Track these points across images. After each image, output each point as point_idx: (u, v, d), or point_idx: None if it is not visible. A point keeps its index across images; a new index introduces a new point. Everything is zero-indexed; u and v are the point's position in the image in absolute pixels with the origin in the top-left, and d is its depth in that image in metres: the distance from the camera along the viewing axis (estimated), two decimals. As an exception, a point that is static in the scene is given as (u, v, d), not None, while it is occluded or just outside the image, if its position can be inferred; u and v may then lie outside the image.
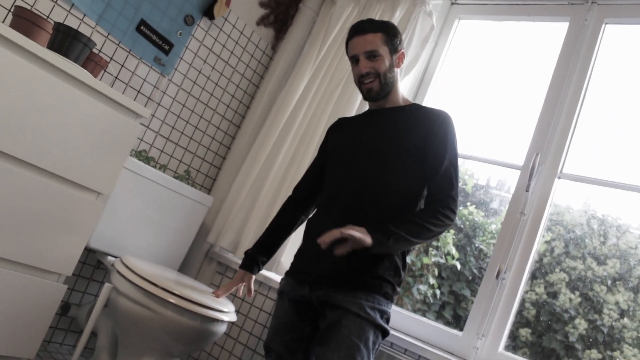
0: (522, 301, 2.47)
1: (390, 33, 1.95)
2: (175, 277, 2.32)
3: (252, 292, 2.12)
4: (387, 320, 1.80)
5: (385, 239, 1.68)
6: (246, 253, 2.14)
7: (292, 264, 1.98)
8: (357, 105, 2.77)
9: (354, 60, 1.96)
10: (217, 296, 2.18)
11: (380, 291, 1.77)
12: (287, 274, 1.97)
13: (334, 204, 1.91)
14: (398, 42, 1.97)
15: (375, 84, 1.93)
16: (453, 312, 3.13)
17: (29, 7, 2.26)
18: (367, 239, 1.65)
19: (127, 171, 2.45)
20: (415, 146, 1.86)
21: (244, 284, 2.14)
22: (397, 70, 1.99)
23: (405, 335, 2.32)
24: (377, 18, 2.87)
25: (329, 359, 1.68)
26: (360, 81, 1.95)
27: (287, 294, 1.93)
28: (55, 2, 2.36)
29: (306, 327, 1.88)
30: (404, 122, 1.92)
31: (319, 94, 2.95)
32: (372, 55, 1.92)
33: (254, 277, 2.13)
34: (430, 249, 3.29)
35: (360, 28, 1.95)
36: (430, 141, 1.85)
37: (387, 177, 1.86)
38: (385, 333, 1.79)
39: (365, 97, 1.99)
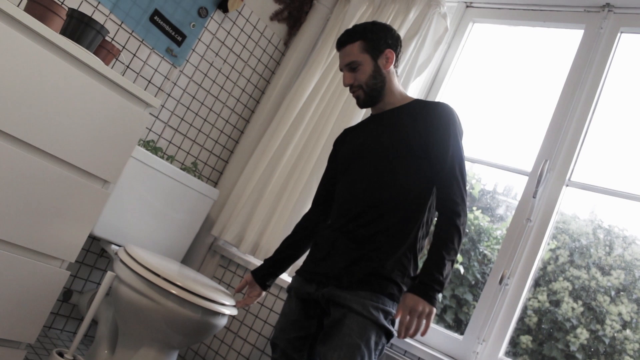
0: (524, 308, 2.46)
1: (370, 37, 1.93)
2: (177, 269, 2.33)
3: (250, 301, 2.15)
4: (393, 322, 1.79)
5: (435, 289, 1.68)
6: (260, 269, 2.15)
7: (303, 264, 1.99)
8: (367, 104, 2.77)
9: (342, 71, 2.00)
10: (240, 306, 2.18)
11: (385, 291, 1.76)
12: (297, 272, 1.98)
13: (346, 211, 1.90)
14: (382, 42, 1.94)
15: (360, 93, 1.95)
16: (454, 316, 3.11)
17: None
18: (427, 308, 1.66)
19: (135, 160, 2.46)
20: (417, 143, 1.84)
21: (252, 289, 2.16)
22: (389, 71, 1.96)
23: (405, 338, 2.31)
24: (390, 18, 2.88)
25: (329, 358, 1.67)
26: (350, 91, 1.99)
27: (294, 292, 1.94)
28: (70, -11, 2.37)
29: (312, 325, 1.88)
30: (403, 121, 1.90)
31: (329, 92, 2.94)
32: (352, 67, 1.93)
33: (263, 293, 2.16)
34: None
35: (339, 41, 1.98)
36: (432, 136, 1.83)
37: (393, 178, 1.85)
38: (389, 334, 1.77)
39: (358, 105, 2.02)
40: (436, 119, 1.85)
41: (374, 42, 1.93)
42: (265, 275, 2.11)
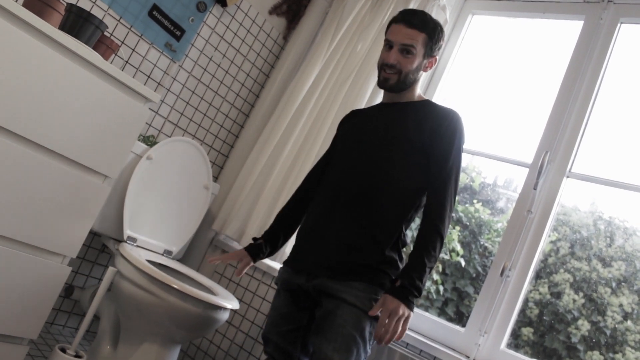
0: (526, 300, 2.46)
1: (434, 38, 1.91)
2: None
3: (241, 275, 2.07)
4: None
5: (414, 295, 1.68)
6: (255, 239, 2.12)
7: (290, 253, 1.97)
8: (366, 98, 2.76)
9: (388, 45, 1.92)
10: (210, 261, 2.08)
11: (377, 281, 1.76)
12: (285, 263, 1.97)
13: (336, 194, 1.89)
14: (436, 48, 1.93)
15: (394, 78, 1.90)
16: (456, 308, 3.12)
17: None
18: (406, 312, 1.67)
19: (134, 156, 2.46)
20: (420, 141, 1.84)
21: (240, 262, 2.08)
22: (423, 73, 1.96)
23: (408, 330, 2.31)
24: (389, 11, 2.88)
25: (324, 349, 1.67)
26: (382, 67, 1.92)
27: (282, 284, 1.93)
28: (68, -16, 2.36)
29: (304, 316, 1.88)
30: (412, 117, 1.90)
31: (329, 86, 2.94)
32: (406, 51, 1.87)
33: (252, 263, 2.08)
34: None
35: (409, 19, 1.89)
36: (437, 141, 1.83)
37: (389, 169, 1.84)
38: None
39: (379, 84, 1.96)
40: (444, 124, 1.85)
41: (433, 44, 1.92)
42: (260, 253, 2.07)
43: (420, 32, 1.88)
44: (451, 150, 1.83)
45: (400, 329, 1.66)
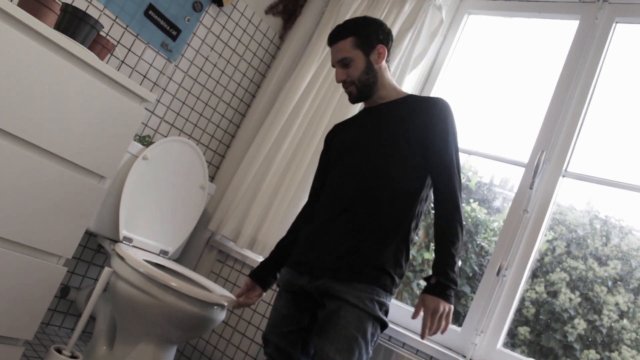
0: (522, 299, 2.46)
1: (361, 33, 1.92)
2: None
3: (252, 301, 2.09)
4: (386, 313, 1.80)
5: (452, 288, 1.71)
6: (261, 271, 2.09)
7: (293, 255, 1.97)
8: (363, 97, 2.76)
9: (333, 67, 1.99)
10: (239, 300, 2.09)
11: (379, 283, 1.76)
12: (288, 265, 1.97)
13: (338, 199, 1.89)
14: (374, 38, 1.93)
15: (353, 89, 1.95)
16: (452, 308, 3.12)
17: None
18: (447, 308, 1.69)
19: (130, 156, 2.45)
20: (414, 137, 1.84)
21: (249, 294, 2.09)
22: (380, 66, 1.95)
23: (404, 329, 2.32)
24: (385, 11, 2.88)
25: (326, 350, 1.67)
26: (343, 86, 1.99)
27: (284, 285, 1.93)
28: (64, -16, 2.35)
29: (305, 318, 1.87)
30: (399, 115, 1.90)
31: (325, 85, 2.93)
32: (344, 63, 1.92)
33: (264, 293, 2.10)
34: (432, 244, 3.27)
35: (330, 37, 1.96)
36: (431, 132, 1.84)
37: (388, 170, 1.85)
38: (384, 325, 1.78)
39: (350, 101, 2.01)
40: (435, 114, 1.86)
41: (366, 37, 1.92)
42: (266, 276, 2.07)
43: (344, 39, 1.93)
44: (447, 138, 1.84)
45: (443, 323, 1.70)
